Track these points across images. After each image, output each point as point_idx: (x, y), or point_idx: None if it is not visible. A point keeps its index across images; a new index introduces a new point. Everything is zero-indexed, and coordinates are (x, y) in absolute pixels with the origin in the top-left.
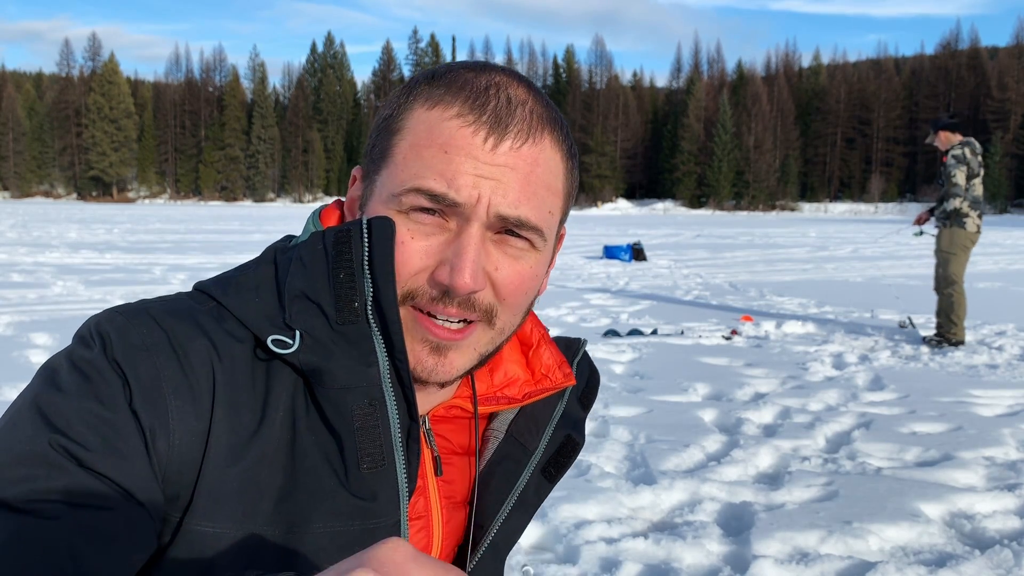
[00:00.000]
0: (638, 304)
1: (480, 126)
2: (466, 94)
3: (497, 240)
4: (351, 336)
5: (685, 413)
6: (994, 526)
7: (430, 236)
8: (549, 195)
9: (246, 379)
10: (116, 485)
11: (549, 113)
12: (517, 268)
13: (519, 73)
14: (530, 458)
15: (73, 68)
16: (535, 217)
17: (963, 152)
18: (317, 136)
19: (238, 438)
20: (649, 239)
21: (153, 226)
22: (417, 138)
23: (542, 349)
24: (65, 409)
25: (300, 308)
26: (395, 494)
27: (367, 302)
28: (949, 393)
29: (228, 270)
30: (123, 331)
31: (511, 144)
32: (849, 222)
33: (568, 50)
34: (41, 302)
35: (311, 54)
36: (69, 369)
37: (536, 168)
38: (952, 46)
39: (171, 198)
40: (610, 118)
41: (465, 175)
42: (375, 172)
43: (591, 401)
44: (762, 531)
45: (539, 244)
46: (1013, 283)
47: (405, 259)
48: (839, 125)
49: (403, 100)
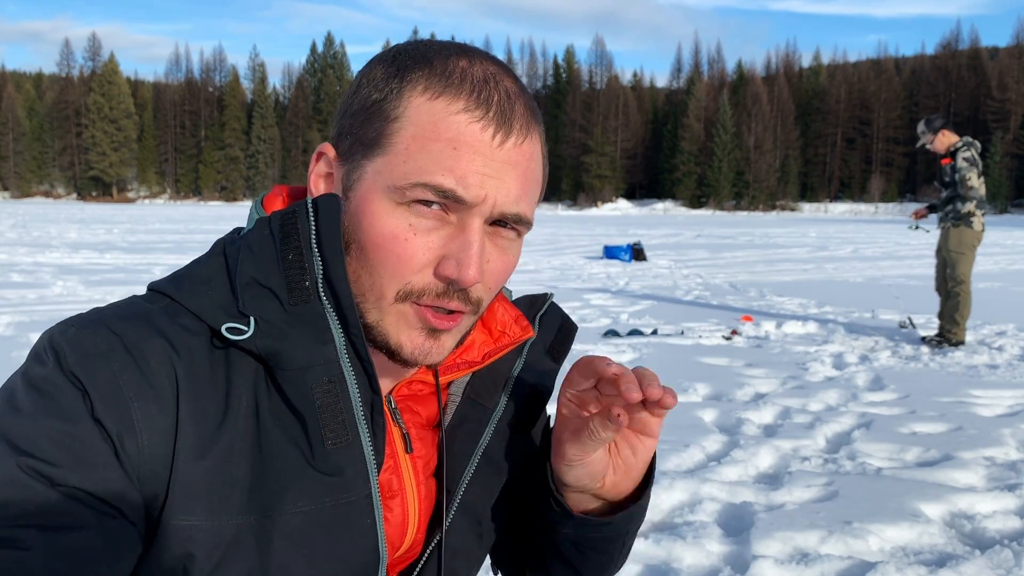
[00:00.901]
0: (638, 304)
1: (488, 122)
2: (469, 86)
3: (491, 232)
4: (305, 316)
5: (685, 413)
6: (994, 526)
7: (431, 231)
8: (537, 187)
9: (206, 372)
10: (91, 496)
11: (533, 105)
12: (504, 259)
13: (492, 55)
14: (490, 416)
15: (73, 68)
16: (530, 211)
17: (972, 153)
18: (317, 136)
19: (205, 431)
20: (649, 239)
21: (153, 226)
22: (421, 129)
23: (495, 307)
24: (28, 430)
25: (252, 294)
26: (363, 467)
27: (318, 280)
28: (949, 393)
29: (180, 268)
30: (75, 342)
31: (514, 141)
32: (849, 222)
33: (568, 50)
34: (41, 302)
35: (311, 54)
36: (26, 389)
37: (531, 163)
38: (952, 46)
39: (171, 198)
40: (610, 118)
41: (474, 173)
42: (364, 157)
43: (563, 352)
44: (762, 531)
45: (523, 232)
46: (1013, 283)
47: (409, 254)
48: (839, 125)
49: (395, 85)
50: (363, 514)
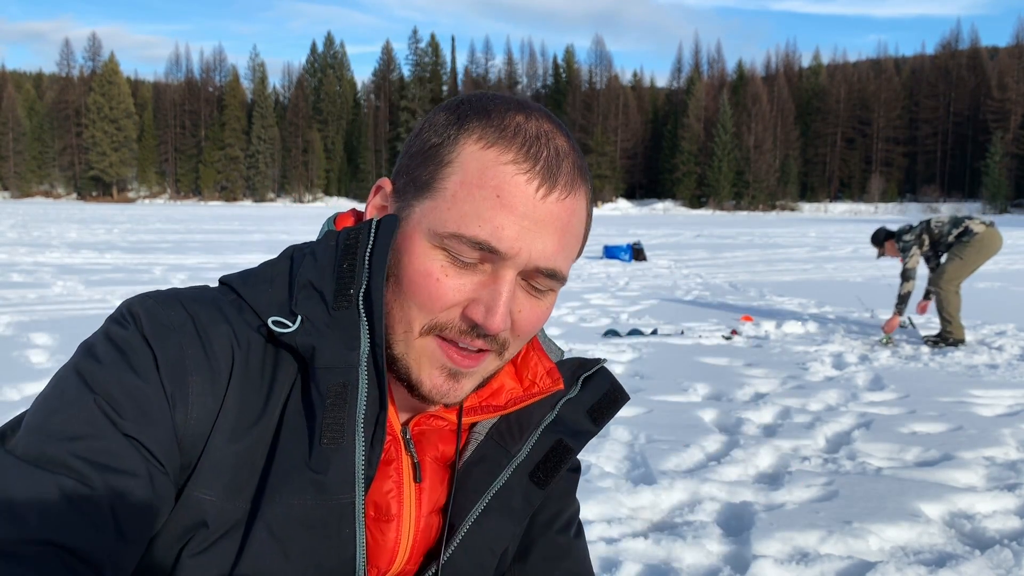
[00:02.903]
0: (638, 304)
1: (534, 175)
2: (521, 140)
3: (524, 284)
4: (343, 321)
5: (685, 413)
6: (994, 526)
7: (464, 275)
8: (577, 244)
9: (258, 366)
10: (146, 450)
11: (582, 163)
12: (536, 312)
13: (551, 114)
14: (511, 460)
15: (73, 68)
16: (565, 268)
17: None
18: (317, 136)
19: (244, 419)
20: (649, 239)
21: (153, 226)
22: (469, 176)
23: (531, 356)
24: (103, 377)
25: (305, 295)
26: (350, 473)
27: (361, 290)
28: (949, 393)
29: (252, 267)
30: (153, 312)
31: (557, 196)
32: (849, 222)
33: (568, 50)
34: (41, 302)
35: (311, 54)
36: (105, 344)
37: (572, 219)
38: (952, 46)
39: (171, 198)
40: (610, 118)
41: (511, 226)
42: (415, 198)
43: (605, 416)
44: (762, 531)
45: (558, 286)
46: (1013, 283)
47: (440, 294)
48: (839, 125)
49: (453, 132)
50: (344, 522)
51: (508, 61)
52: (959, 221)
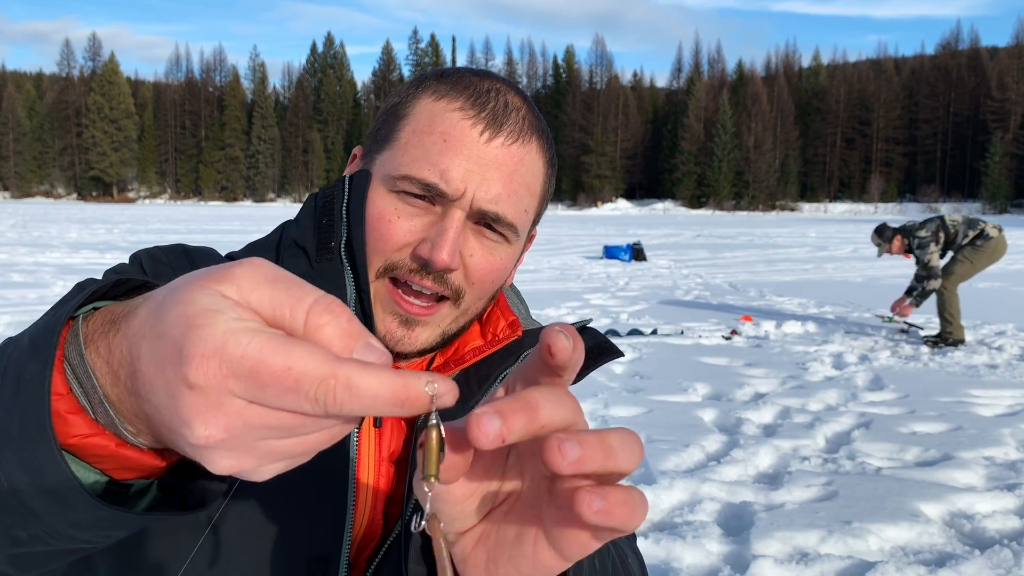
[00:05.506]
0: (638, 304)
1: (479, 120)
2: (470, 92)
3: (475, 230)
4: (326, 272)
5: (685, 413)
6: (994, 526)
7: (415, 216)
8: (527, 194)
9: None
10: None
11: (539, 123)
12: (489, 258)
13: (518, 85)
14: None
15: (73, 68)
16: (511, 214)
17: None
18: (317, 136)
19: None
20: (649, 239)
21: (153, 226)
22: (420, 124)
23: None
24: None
25: (290, 254)
26: None
27: (341, 241)
28: (949, 393)
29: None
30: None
31: (503, 141)
32: (849, 222)
33: (568, 50)
34: (41, 302)
35: (311, 54)
36: (111, 270)
37: (520, 167)
38: (952, 46)
39: (171, 198)
40: (610, 118)
41: (457, 168)
42: (376, 152)
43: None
44: (762, 531)
45: (512, 239)
46: (1013, 283)
47: (391, 234)
48: (839, 125)
49: (412, 91)
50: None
51: (508, 61)
52: (974, 223)
